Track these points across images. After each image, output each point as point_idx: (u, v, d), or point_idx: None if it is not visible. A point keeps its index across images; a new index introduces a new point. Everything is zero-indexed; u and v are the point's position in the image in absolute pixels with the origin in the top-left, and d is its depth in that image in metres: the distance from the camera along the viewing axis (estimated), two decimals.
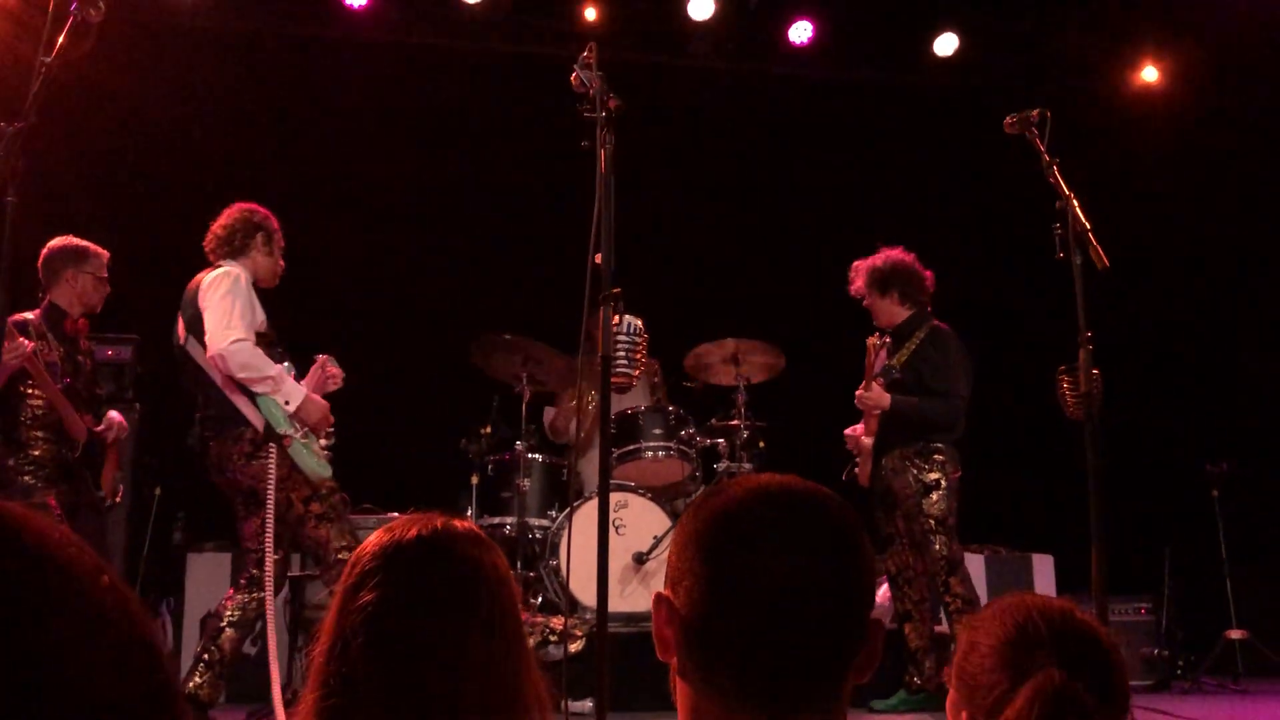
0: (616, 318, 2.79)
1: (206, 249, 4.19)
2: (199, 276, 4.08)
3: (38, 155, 2.74)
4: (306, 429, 3.94)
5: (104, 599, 0.62)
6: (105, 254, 4.40)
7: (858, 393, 4.86)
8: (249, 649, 4.77)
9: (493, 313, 6.27)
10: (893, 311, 5.03)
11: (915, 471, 4.79)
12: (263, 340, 3.96)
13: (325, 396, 4.12)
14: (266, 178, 6.38)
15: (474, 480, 5.65)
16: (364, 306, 6.87)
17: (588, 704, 4.31)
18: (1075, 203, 3.35)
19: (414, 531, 1.37)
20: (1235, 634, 6.23)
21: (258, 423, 3.85)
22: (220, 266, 4.07)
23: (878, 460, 4.95)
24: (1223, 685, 6.02)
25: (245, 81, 6.84)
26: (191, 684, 3.77)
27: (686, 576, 1.05)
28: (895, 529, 4.89)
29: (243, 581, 3.98)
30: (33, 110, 2.61)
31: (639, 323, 2.88)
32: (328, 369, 4.19)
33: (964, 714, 1.35)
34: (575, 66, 2.92)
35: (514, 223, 7.10)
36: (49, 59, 2.64)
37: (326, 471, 3.99)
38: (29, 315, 4.19)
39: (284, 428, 3.84)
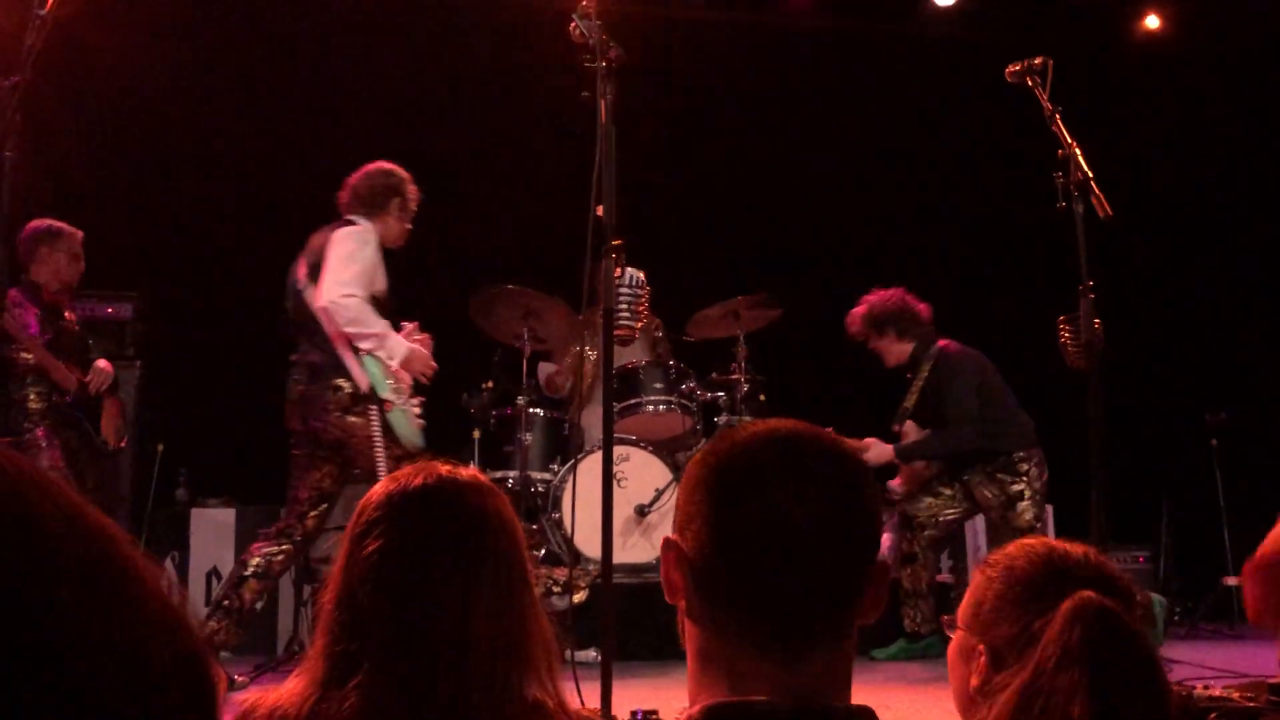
0: (618, 270, 2.79)
1: (340, 202, 4.19)
2: (331, 228, 4.08)
3: (36, 111, 2.71)
4: (405, 396, 3.97)
5: (122, 561, 0.63)
6: (79, 234, 4.71)
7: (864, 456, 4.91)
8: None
9: (493, 267, 6.25)
10: (895, 349, 5.15)
11: (1000, 484, 4.88)
12: (377, 304, 3.99)
13: None
14: (262, 128, 6.34)
15: (475, 435, 5.67)
16: None
17: (591, 653, 4.36)
18: (1078, 151, 3.33)
19: (419, 479, 1.38)
20: (1232, 581, 6.28)
21: (360, 380, 3.88)
22: (353, 223, 4.06)
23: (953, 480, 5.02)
24: (1219, 631, 6.08)
25: (241, 31, 6.77)
26: (208, 629, 3.81)
27: (695, 519, 1.06)
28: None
29: (273, 530, 4.00)
30: (28, 65, 2.59)
31: (641, 275, 2.88)
32: (417, 335, 4.26)
33: (979, 646, 1.35)
34: (574, 16, 2.89)
35: (515, 176, 7.06)
36: (44, 11, 2.61)
37: (420, 440, 4.04)
38: (12, 293, 4.48)
39: (386, 392, 3.87)
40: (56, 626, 0.56)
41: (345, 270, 3.87)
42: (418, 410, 4.09)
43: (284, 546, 3.94)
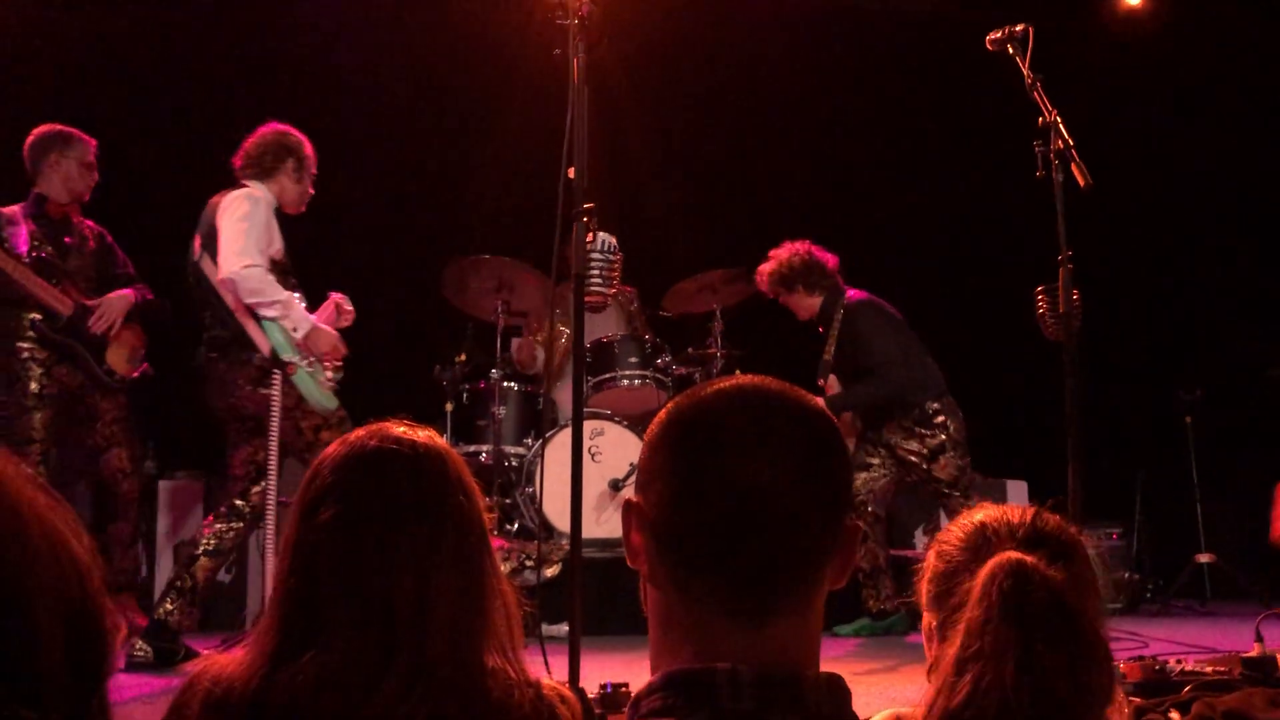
0: (590, 234, 2.72)
1: (234, 166, 4.06)
2: (220, 195, 3.97)
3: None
4: (313, 359, 3.88)
5: (20, 504, 0.57)
6: (92, 141, 4.41)
7: None
8: (223, 577, 4.75)
9: (466, 238, 6.17)
10: (805, 303, 5.09)
11: (920, 439, 4.84)
12: (276, 268, 3.88)
13: None
14: (230, 94, 6.23)
15: (448, 408, 5.62)
16: (334, 231, 6.75)
17: (564, 627, 4.32)
18: (1059, 120, 3.29)
19: (373, 442, 1.32)
20: (1204, 558, 6.32)
21: (264, 348, 3.77)
22: (244, 187, 3.96)
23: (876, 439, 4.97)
24: (1190, 607, 6.12)
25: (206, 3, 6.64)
26: (162, 610, 3.74)
27: (656, 479, 1.00)
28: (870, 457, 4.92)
29: (223, 510, 3.93)
30: None
31: (613, 240, 2.81)
32: (343, 307, 4.15)
33: (934, 622, 1.32)
34: None
35: (488, 142, 6.96)
36: None
37: (333, 403, 3.93)
38: (5, 208, 4.27)
39: (288, 354, 3.78)
40: None
41: (240, 239, 3.75)
42: (330, 374, 3.97)
43: (234, 524, 3.86)
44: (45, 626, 0.56)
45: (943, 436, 4.82)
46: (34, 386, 4.25)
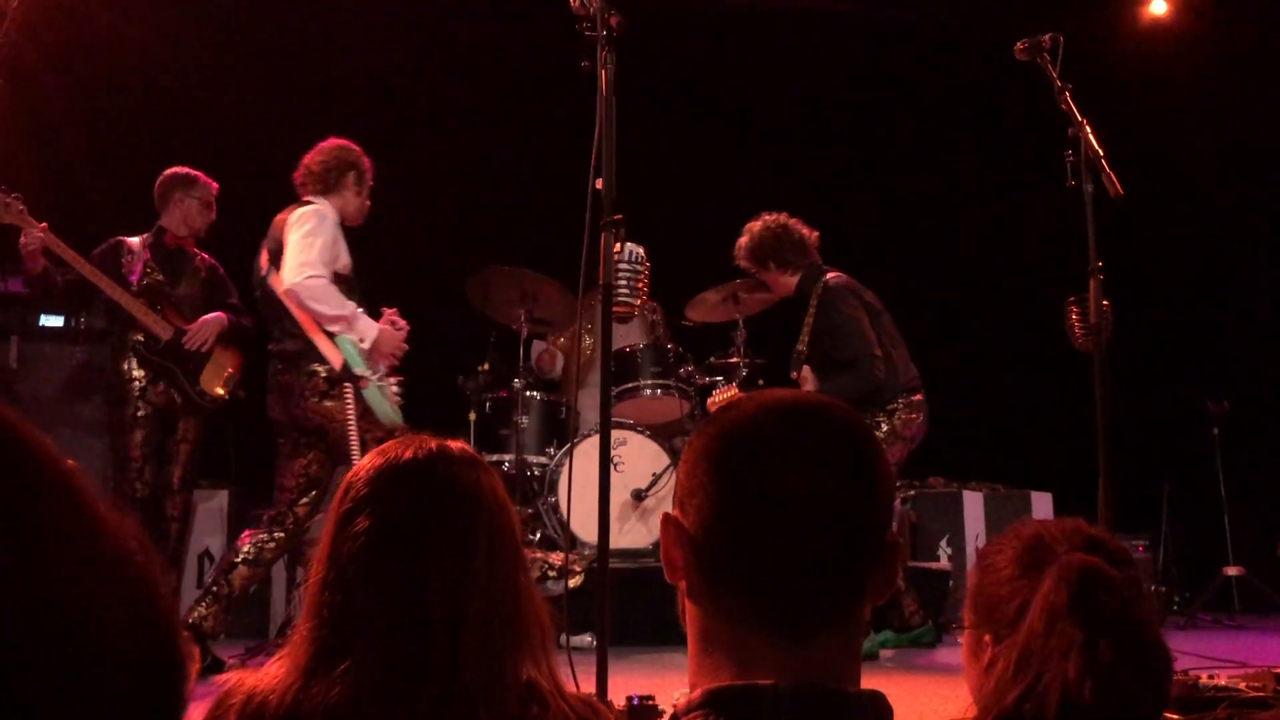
0: (618, 245, 2.72)
1: (296, 182, 4.14)
2: (287, 210, 4.03)
3: (20, 81, 2.64)
4: (381, 373, 3.92)
5: (97, 531, 0.55)
6: (214, 184, 4.73)
7: None
8: None
9: (491, 246, 6.18)
10: (781, 281, 4.82)
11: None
12: (342, 282, 3.93)
13: None
14: (256, 106, 6.26)
15: (471, 417, 5.63)
16: (358, 241, 6.77)
17: (587, 638, 4.31)
18: (1088, 129, 3.26)
19: (408, 453, 1.32)
20: (1232, 570, 6.26)
21: (335, 361, 3.82)
22: (310, 203, 4.00)
23: None
24: (1219, 621, 6.06)
25: (232, 8, 6.68)
26: (195, 614, 3.76)
27: (696, 494, 1.00)
28: None
29: (265, 519, 3.96)
30: (11, 31, 2.52)
31: (641, 250, 2.81)
32: (397, 322, 4.20)
33: (986, 637, 1.31)
34: None
35: (514, 152, 6.98)
36: None
37: (398, 417, 3.99)
38: (131, 238, 4.64)
39: (360, 368, 3.81)
40: None
41: (305, 251, 3.81)
42: (396, 388, 4.02)
43: (276, 534, 3.89)
44: (118, 659, 0.53)
45: (887, 426, 4.52)
46: (135, 406, 4.50)
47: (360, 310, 3.99)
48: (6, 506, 0.52)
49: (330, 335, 3.84)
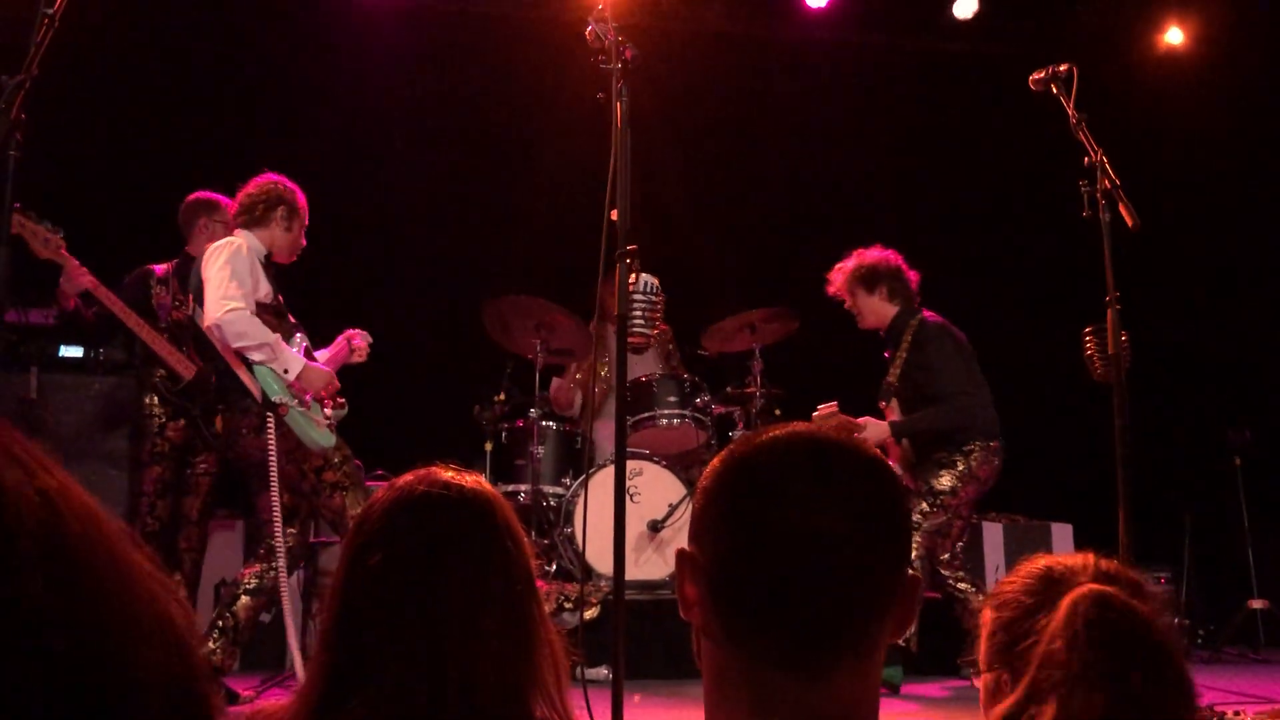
0: (633, 276, 2.72)
1: (229, 215, 4.20)
2: (206, 246, 4.06)
3: (42, 110, 2.67)
4: (308, 399, 3.90)
5: (138, 595, 0.54)
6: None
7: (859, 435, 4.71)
8: (263, 618, 4.76)
9: (507, 277, 6.20)
10: (880, 310, 4.85)
11: (938, 461, 4.63)
12: (268, 311, 3.91)
13: (348, 367, 4.15)
14: (269, 140, 6.31)
15: (487, 448, 5.62)
16: (375, 271, 6.81)
17: (603, 670, 4.28)
18: (1105, 159, 3.26)
19: (421, 487, 1.31)
20: (1257, 603, 6.17)
21: (255, 392, 3.80)
22: (231, 237, 4.03)
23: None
24: (1244, 655, 5.97)
25: (251, 36, 6.75)
26: (204, 650, 3.75)
27: (711, 530, 0.99)
28: None
29: (261, 551, 3.97)
30: (34, 63, 2.55)
31: (655, 281, 2.81)
32: (354, 342, 4.19)
33: (1005, 676, 1.29)
34: (590, 19, 2.85)
35: (528, 183, 7.01)
36: (51, 10, 2.57)
37: (329, 441, 3.95)
38: (159, 266, 4.70)
39: (279, 396, 3.79)
40: (13, 623, 0.48)
41: (223, 284, 3.79)
42: (329, 412, 3.99)
43: (273, 564, 3.89)
44: (146, 708, 0.52)
45: (962, 463, 4.58)
46: (153, 442, 4.58)
47: (299, 337, 4.01)
48: (53, 567, 0.51)
49: (249, 366, 3.83)
